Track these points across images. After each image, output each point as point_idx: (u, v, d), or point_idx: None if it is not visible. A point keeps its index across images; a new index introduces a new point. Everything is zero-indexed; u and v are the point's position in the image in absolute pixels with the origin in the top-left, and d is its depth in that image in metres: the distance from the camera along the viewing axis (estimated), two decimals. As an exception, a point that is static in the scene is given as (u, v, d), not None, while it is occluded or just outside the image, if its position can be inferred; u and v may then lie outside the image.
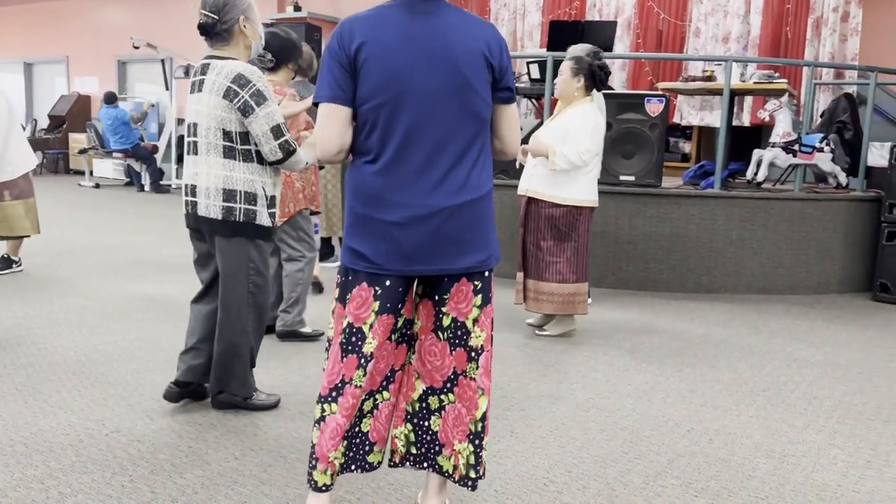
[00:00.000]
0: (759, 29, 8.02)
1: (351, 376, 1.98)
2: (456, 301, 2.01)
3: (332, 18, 11.27)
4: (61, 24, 15.05)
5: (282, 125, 2.72)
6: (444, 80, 1.87)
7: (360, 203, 1.93)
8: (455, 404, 2.06)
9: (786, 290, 5.70)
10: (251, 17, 2.79)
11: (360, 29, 1.86)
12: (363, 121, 1.91)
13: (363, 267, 1.94)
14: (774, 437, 2.98)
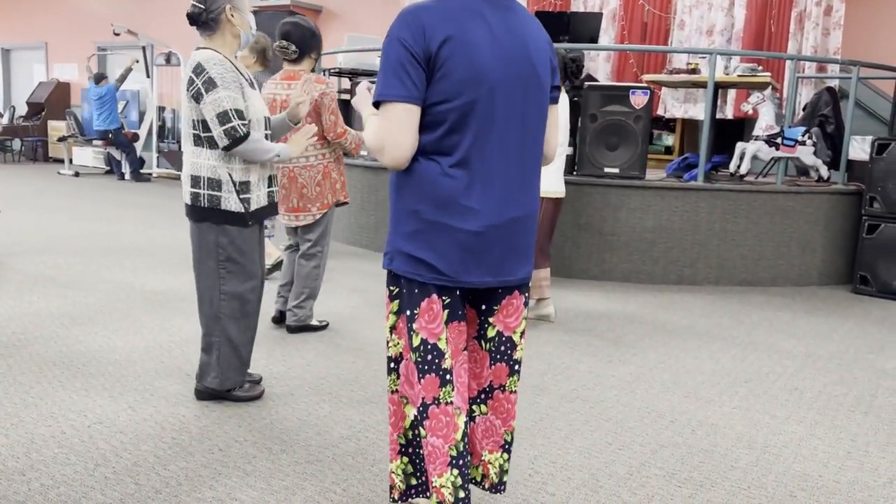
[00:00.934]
0: (743, 22, 8.05)
1: (435, 396, 1.82)
2: (505, 314, 1.91)
3: (315, 6, 11.19)
4: (40, 10, 14.81)
5: (230, 111, 2.68)
6: (523, 79, 1.76)
7: (430, 207, 1.75)
8: (487, 416, 1.99)
9: (768, 282, 5.76)
10: (238, 7, 2.78)
11: (443, 22, 1.68)
12: (438, 120, 1.72)
13: (432, 279, 1.78)
14: (756, 428, 3.01)
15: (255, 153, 2.78)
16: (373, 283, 5.31)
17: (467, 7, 1.72)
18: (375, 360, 3.63)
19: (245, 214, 2.84)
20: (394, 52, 1.69)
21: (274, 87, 3.84)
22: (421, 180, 1.76)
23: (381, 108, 1.73)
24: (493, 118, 1.73)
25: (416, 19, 1.69)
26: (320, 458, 2.56)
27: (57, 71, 14.79)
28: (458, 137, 1.73)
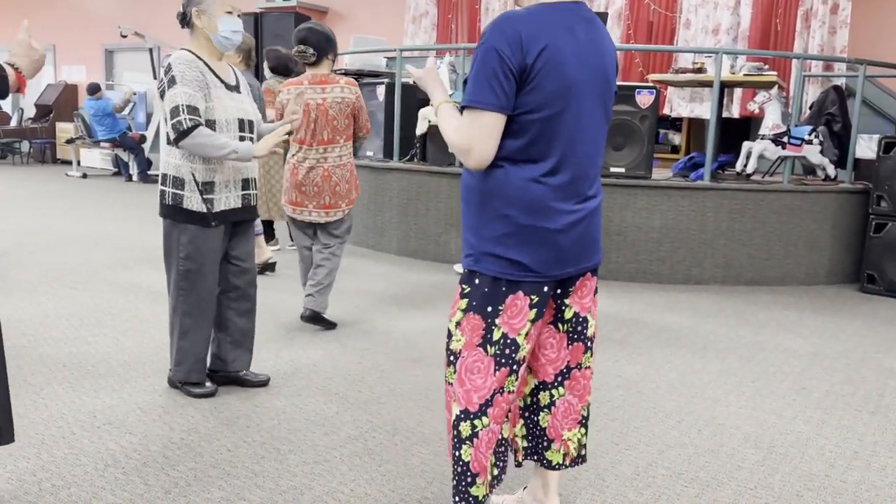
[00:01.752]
0: (749, 21, 8.03)
1: (502, 385, 1.94)
2: (580, 295, 2.01)
3: (321, 8, 11.21)
4: (48, 12, 14.88)
5: (181, 106, 2.76)
6: (600, 89, 1.87)
7: (522, 213, 1.83)
8: (565, 397, 2.08)
9: (775, 281, 5.75)
10: (206, 11, 2.88)
11: (538, 35, 1.74)
12: (525, 128, 1.79)
13: (521, 276, 1.87)
14: (763, 428, 3.01)
15: (205, 148, 2.80)
16: (379, 283, 5.32)
17: (559, 19, 1.79)
18: (382, 360, 3.64)
19: (207, 215, 2.89)
20: (490, 62, 1.74)
21: (310, 91, 3.93)
22: (509, 187, 1.83)
23: (469, 111, 1.80)
24: (577, 126, 1.83)
25: (514, 31, 1.73)
26: (328, 459, 2.58)
27: (65, 73, 14.87)
28: (548, 145, 1.82)
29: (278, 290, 4.97)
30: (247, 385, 3.20)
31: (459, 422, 1.93)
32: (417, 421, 2.93)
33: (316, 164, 3.96)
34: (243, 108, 2.98)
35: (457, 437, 1.94)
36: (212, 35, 2.89)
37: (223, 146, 2.81)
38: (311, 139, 3.95)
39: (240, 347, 3.20)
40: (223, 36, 2.89)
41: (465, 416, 1.93)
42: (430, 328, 4.24)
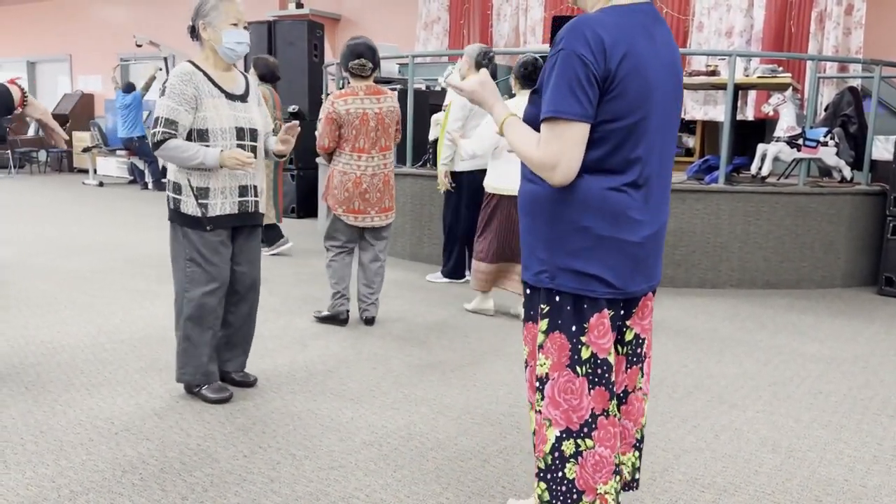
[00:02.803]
0: (763, 23, 8.00)
1: (605, 408, 1.83)
2: (640, 316, 1.93)
3: (334, 15, 11.27)
4: (64, 23, 15.05)
5: (160, 118, 2.89)
6: (675, 95, 1.79)
7: (602, 224, 1.73)
8: (621, 421, 2.00)
9: (791, 284, 5.71)
10: (211, 23, 2.95)
11: (620, 40, 1.65)
12: (605, 137, 1.70)
13: (604, 293, 1.77)
14: (780, 433, 2.99)
15: (175, 159, 2.92)
16: (393, 289, 5.33)
17: (637, 22, 1.70)
18: (396, 365, 3.65)
19: (202, 219, 2.98)
20: (573, 69, 1.64)
21: (361, 102, 4.10)
22: (589, 197, 1.73)
23: (552, 123, 1.68)
24: (656, 133, 1.75)
25: (596, 36, 1.64)
26: (343, 465, 2.59)
27: (81, 83, 15.03)
28: (628, 154, 1.72)
29: (293, 296, 4.99)
30: (233, 384, 3.27)
31: (561, 442, 1.84)
32: (432, 426, 2.93)
33: (377, 171, 4.20)
34: (246, 117, 3.03)
35: (559, 458, 1.85)
36: (217, 47, 2.98)
37: (192, 157, 2.89)
38: (373, 147, 4.14)
39: (235, 349, 3.26)
40: (228, 47, 2.97)
41: (566, 435, 1.84)
42: (444, 334, 4.24)
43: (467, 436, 2.86)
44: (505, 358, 3.83)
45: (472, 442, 2.80)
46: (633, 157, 1.72)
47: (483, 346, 4.02)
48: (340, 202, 4.15)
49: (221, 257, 3.05)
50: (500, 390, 3.36)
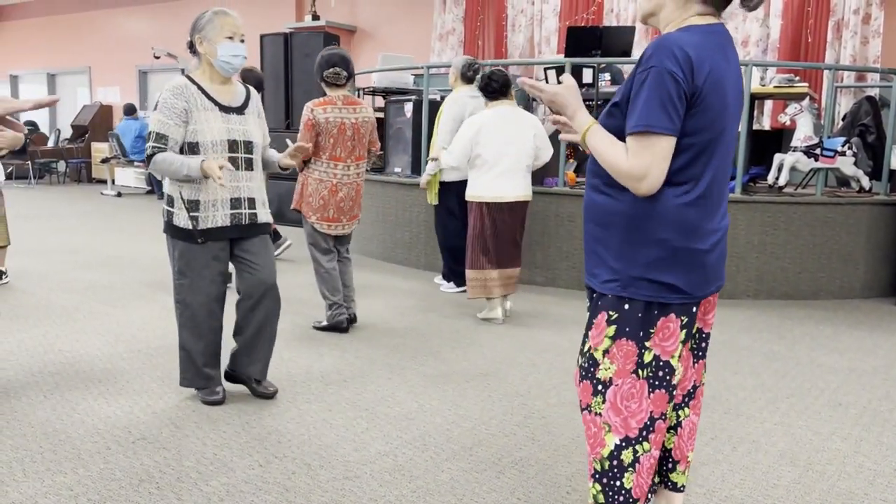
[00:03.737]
0: (779, 32, 7.96)
1: (662, 411, 1.92)
2: (704, 312, 2.01)
3: (349, 27, 11.35)
4: (84, 36, 15.26)
5: (151, 132, 2.96)
6: (738, 106, 1.86)
7: (678, 235, 1.81)
8: (690, 417, 2.09)
9: (809, 295, 5.65)
10: (206, 37, 2.99)
11: (705, 59, 1.73)
12: (685, 150, 1.78)
13: (675, 299, 1.85)
14: (799, 445, 2.96)
15: (165, 172, 2.97)
16: (408, 299, 5.34)
17: (715, 42, 1.78)
18: (411, 376, 3.65)
19: (193, 232, 3.03)
20: (665, 85, 1.70)
21: (339, 111, 4.21)
22: (666, 210, 1.80)
23: (642, 136, 1.74)
24: (727, 147, 1.84)
25: (685, 54, 1.71)
26: (358, 475, 2.59)
27: (100, 94, 15.21)
28: (704, 167, 1.80)
29: (310, 304, 5.00)
30: (253, 393, 3.29)
31: (621, 450, 1.90)
32: (447, 437, 2.93)
33: (352, 180, 4.30)
34: (241, 129, 3.07)
35: (618, 466, 1.90)
36: (213, 60, 3.01)
37: (178, 169, 2.94)
38: (349, 156, 4.23)
39: (251, 355, 3.25)
40: (223, 60, 3.00)
41: (626, 444, 1.89)
42: (458, 343, 4.24)
43: (483, 447, 2.85)
44: (519, 368, 3.82)
45: (488, 453, 2.80)
46: (707, 169, 1.80)
47: (497, 356, 4.01)
48: (315, 210, 4.23)
49: (212, 270, 3.08)
50: (515, 401, 3.35)
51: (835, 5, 7.72)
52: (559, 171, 5.93)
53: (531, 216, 5.88)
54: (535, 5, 9.67)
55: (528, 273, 5.96)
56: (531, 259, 5.94)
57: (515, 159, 4.58)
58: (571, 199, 5.78)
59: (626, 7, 8.90)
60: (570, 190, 5.83)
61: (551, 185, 5.97)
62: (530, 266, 5.95)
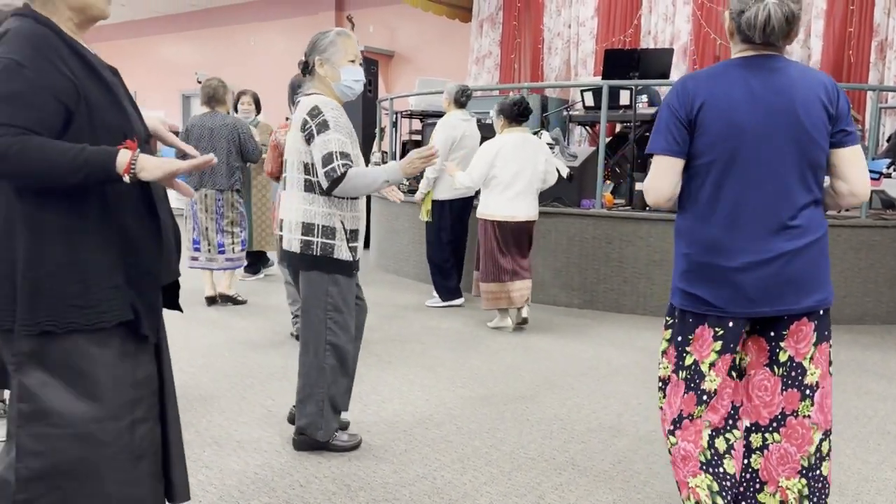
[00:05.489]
0: (821, 53, 7.88)
1: (691, 412, 2.09)
2: (795, 340, 2.06)
3: (387, 52, 11.51)
4: (130, 61, 15.71)
5: (335, 153, 2.69)
6: (783, 132, 1.95)
7: (699, 251, 2.03)
8: (781, 444, 2.08)
9: (854, 319, 5.53)
10: (328, 59, 2.82)
11: (702, 88, 1.98)
12: (700, 172, 2.01)
13: (704, 310, 2.03)
14: (847, 475, 2.88)
15: (359, 189, 2.74)
16: (445, 320, 5.35)
17: (728, 73, 1.99)
18: (448, 397, 3.65)
19: (352, 263, 2.85)
20: (663, 115, 2.03)
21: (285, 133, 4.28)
22: (690, 227, 2.05)
23: (651, 158, 2.08)
24: (754, 169, 1.96)
25: (684, 87, 2.01)
26: (397, 497, 2.59)
27: (144, 118, 15.61)
28: (720, 187, 1.99)
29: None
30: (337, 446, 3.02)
31: (665, 438, 2.14)
32: (486, 460, 2.92)
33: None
34: None
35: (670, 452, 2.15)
36: (334, 84, 2.84)
37: (375, 178, 2.75)
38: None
39: (350, 390, 3.06)
40: (346, 85, 2.86)
41: (666, 434, 2.14)
42: (496, 366, 4.23)
43: (522, 471, 2.83)
44: (558, 392, 3.80)
45: (527, 477, 2.78)
46: (725, 189, 1.98)
47: (536, 380, 3.99)
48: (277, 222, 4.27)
49: (353, 302, 2.94)
50: (554, 425, 3.33)
51: (878, 25, 7.62)
52: (597, 193, 5.92)
53: (567, 239, 5.86)
54: (571, 28, 9.72)
55: (566, 295, 5.93)
56: (568, 282, 5.91)
57: (528, 182, 4.93)
58: (609, 221, 5.75)
59: (663, 29, 8.89)
60: (608, 212, 5.81)
61: (588, 207, 5.96)
62: (567, 289, 5.92)
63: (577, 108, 7.82)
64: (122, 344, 1.76)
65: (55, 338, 1.68)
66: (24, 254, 1.66)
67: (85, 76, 1.71)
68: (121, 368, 1.75)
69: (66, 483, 1.70)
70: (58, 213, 1.68)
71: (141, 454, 1.79)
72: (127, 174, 1.65)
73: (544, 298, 6.02)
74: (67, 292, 1.68)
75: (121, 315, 1.73)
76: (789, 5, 1.92)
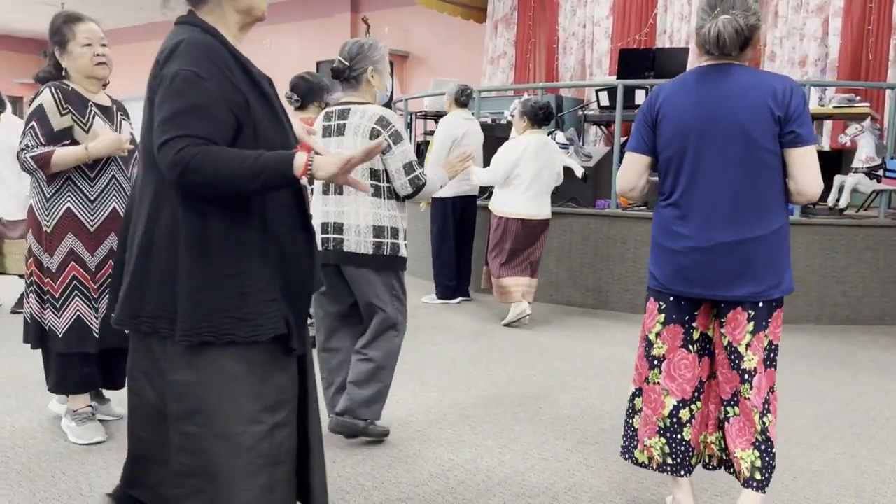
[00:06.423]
0: (838, 51, 7.79)
1: (646, 376, 2.35)
2: (732, 326, 2.23)
3: (402, 53, 11.54)
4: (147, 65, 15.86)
5: (414, 162, 2.89)
6: (724, 134, 2.14)
7: (658, 233, 2.30)
8: (739, 417, 2.27)
9: (873, 320, 5.47)
10: (379, 69, 2.94)
11: (664, 94, 2.25)
12: (664, 168, 2.28)
13: (654, 286, 2.31)
14: (864, 476, 2.86)
15: (429, 193, 2.97)
16: (459, 321, 5.35)
17: (685, 81, 2.24)
18: (462, 398, 3.66)
19: (406, 259, 3.01)
20: (637, 118, 2.32)
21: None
22: (657, 213, 2.33)
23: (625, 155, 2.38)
24: (698, 164, 2.19)
25: (653, 94, 2.30)
26: (411, 496, 2.60)
27: (162, 120, 15.75)
28: (675, 180, 2.24)
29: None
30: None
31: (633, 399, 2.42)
32: (499, 461, 2.92)
33: None
34: None
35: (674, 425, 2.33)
36: (379, 92, 2.97)
37: (437, 183, 2.98)
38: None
39: None
40: (385, 95, 3.01)
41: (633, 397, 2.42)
42: (509, 366, 4.23)
43: (534, 472, 2.83)
44: (571, 392, 3.79)
45: (540, 478, 2.78)
46: (677, 182, 2.24)
47: (549, 381, 3.99)
48: None
49: None
50: (567, 425, 3.32)
51: (897, 23, 7.53)
52: (612, 193, 5.90)
53: (582, 239, 5.85)
54: (586, 28, 9.68)
55: (581, 296, 5.92)
56: (583, 282, 5.90)
57: (547, 183, 5.13)
58: (624, 221, 5.74)
59: (678, 28, 8.84)
60: (623, 212, 5.79)
61: (603, 207, 5.94)
62: (582, 289, 5.91)
63: (592, 107, 7.80)
64: (268, 351, 1.78)
65: (210, 346, 1.71)
66: (186, 265, 1.69)
67: (249, 88, 1.76)
68: (265, 374, 1.78)
69: (209, 485, 1.74)
70: (221, 225, 1.71)
71: (279, 460, 1.80)
72: (304, 175, 1.68)
73: (559, 298, 6.01)
74: (227, 304, 1.70)
75: (276, 329, 1.75)
76: (738, 20, 2.09)
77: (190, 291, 1.68)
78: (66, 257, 2.87)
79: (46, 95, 2.83)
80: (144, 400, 1.82)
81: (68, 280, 2.87)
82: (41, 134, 2.80)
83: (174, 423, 1.75)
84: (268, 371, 1.79)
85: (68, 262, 2.87)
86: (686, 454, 2.32)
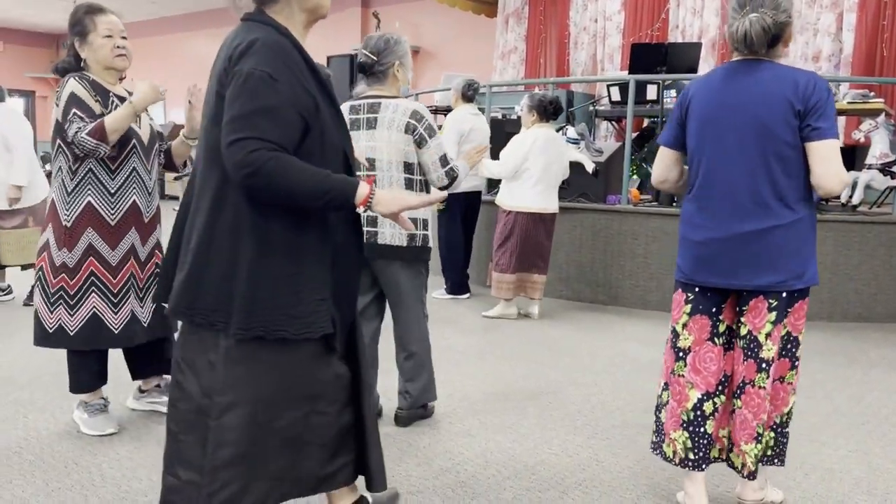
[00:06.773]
0: (853, 47, 7.74)
1: (672, 368, 2.38)
2: (752, 315, 2.26)
3: (413, 47, 11.50)
4: (160, 59, 15.91)
5: (447, 155, 2.96)
6: (743, 126, 2.19)
7: (682, 226, 2.36)
8: (742, 410, 2.30)
9: (885, 317, 5.44)
10: (405, 64, 2.97)
11: (693, 90, 2.32)
12: (689, 160, 2.35)
13: (679, 276, 2.36)
14: (876, 474, 2.84)
15: (461, 183, 3.07)
16: (467, 315, 5.35)
17: (714, 77, 2.29)
18: (471, 392, 3.66)
19: (431, 250, 3.10)
20: (671, 112, 2.40)
21: None
22: (684, 205, 2.38)
23: None
24: (718, 157, 2.23)
25: (686, 89, 2.36)
26: (421, 490, 2.60)
27: (174, 115, 15.80)
28: (696, 171, 2.30)
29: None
30: None
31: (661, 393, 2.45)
32: (509, 455, 2.92)
33: None
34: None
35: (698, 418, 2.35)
36: (402, 86, 3.01)
37: (462, 174, 3.05)
38: None
39: None
40: (407, 87, 3.05)
41: (661, 389, 2.46)
42: (519, 361, 4.23)
43: (545, 466, 2.83)
44: (581, 388, 3.79)
45: (550, 473, 2.78)
46: (699, 174, 2.30)
47: (559, 376, 3.98)
48: None
49: None
50: (578, 421, 3.32)
51: (912, 18, 7.46)
52: (623, 189, 5.88)
53: (593, 234, 5.84)
54: (597, 23, 9.65)
55: (591, 291, 5.91)
56: (592, 278, 5.89)
57: (555, 177, 5.17)
58: (634, 217, 5.72)
59: (691, 23, 8.79)
60: (634, 207, 5.77)
61: (614, 203, 5.92)
62: (592, 284, 5.90)
63: (604, 102, 7.77)
64: (313, 347, 1.84)
65: (261, 341, 1.76)
66: (248, 262, 1.73)
67: (318, 91, 1.78)
68: (309, 369, 1.85)
69: (240, 468, 1.78)
70: (284, 226, 1.75)
71: (309, 440, 1.87)
72: (363, 206, 1.75)
73: (569, 294, 6.00)
74: (282, 303, 1.75)
75: (324, 328, 1.82)
76: (766, 19, 2.12)
77: (248, 288, 1.73)
78: (85, 253, 2.86)
79: (74, 83, 2.81)
80: (186, 393, 1.84)
81: (85, 276, 2.86)
82: (86, 117, 2.76)
83: (216, 417, 1.78)
84: (312, 367, 1.85)
85: (87, 257, 2.86)
86: (707, 448, 2.34)
